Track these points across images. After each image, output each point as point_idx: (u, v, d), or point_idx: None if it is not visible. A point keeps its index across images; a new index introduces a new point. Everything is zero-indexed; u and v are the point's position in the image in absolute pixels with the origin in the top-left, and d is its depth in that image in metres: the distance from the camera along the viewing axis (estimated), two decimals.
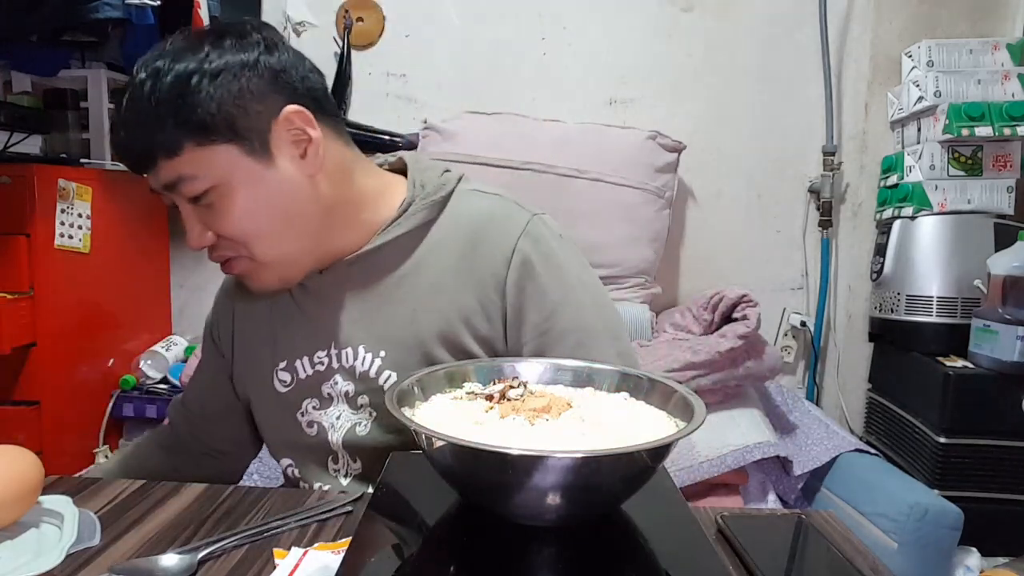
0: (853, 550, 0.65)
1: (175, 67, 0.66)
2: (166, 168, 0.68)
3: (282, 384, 0.83)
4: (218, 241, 0.72)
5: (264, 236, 0.72)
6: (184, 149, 0.67)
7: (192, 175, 0.68)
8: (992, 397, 1.51)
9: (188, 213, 0.71)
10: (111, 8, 1.48)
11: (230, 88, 0.67)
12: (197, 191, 0.69)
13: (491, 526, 0.52)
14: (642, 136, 1.82)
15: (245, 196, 0.70)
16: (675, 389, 0.59)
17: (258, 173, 0.70)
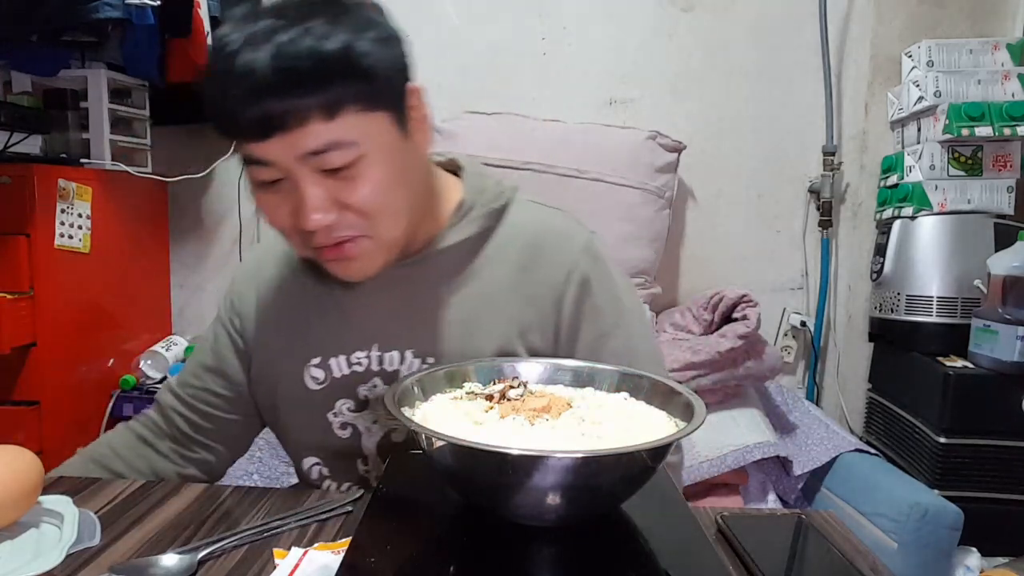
0: (853, 550, 0.65)
1: (337, 27, 0.61)
2: (318, 131, 0.61)
3: (314, 381, 0.79)
4: (340, 219, 0.66)
5: (395, 212, 0.68)
6: (344, 112, 0.62)
7: (348, 142, 0.63)
8: (992, 397, 1.51)
9: (314, 186, 0.64)
10: (111, 8, 1.48)
11: (392, 54, 0.65)
12: (347, 160, 0.63)
13: (491, 526, 0.53)
14: (642, 136, 1.82)
15: (388, 168, 0.66)
16: (675, 389, 0.59)
17: (400, 145, 0.67)
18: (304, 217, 0.65)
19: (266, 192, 0.67)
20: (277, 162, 0.64)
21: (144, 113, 1.89)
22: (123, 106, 1.81)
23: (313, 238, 0.67)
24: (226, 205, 2.08)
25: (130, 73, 1.79)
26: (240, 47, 0.60)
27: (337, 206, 0.65)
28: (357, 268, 0.71)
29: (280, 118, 0.61)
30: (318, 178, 0.64)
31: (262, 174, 0.66)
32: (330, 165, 0.63)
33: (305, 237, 0.68)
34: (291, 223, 0.67)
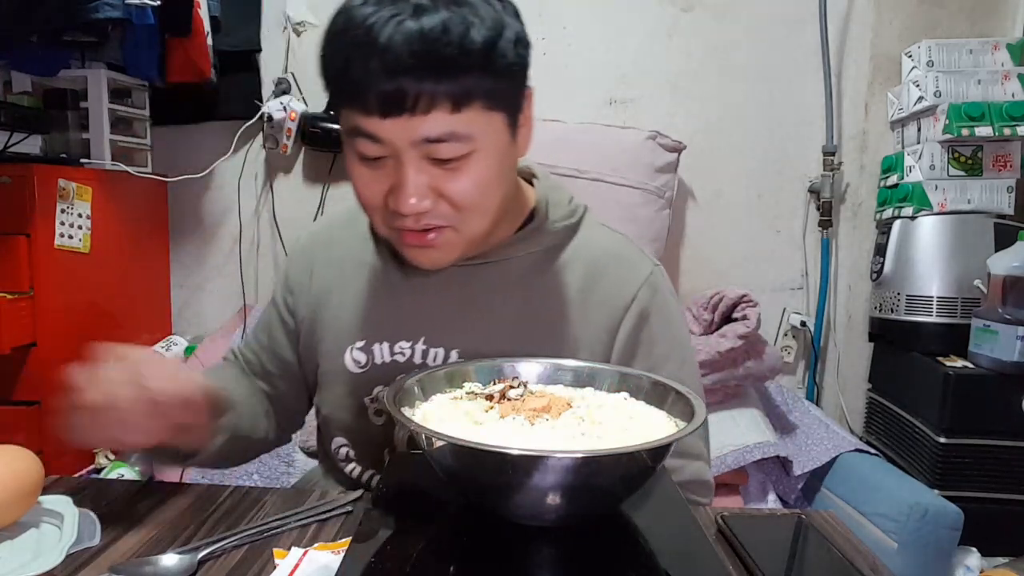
0: (853, 550, 0.65)
1: (483, 18, 0.61)
2: (441, 121, 0.61)
3: (355, 364, 0.79)
4: (433, 208, 0.66)
5: (486, 209, 0.68)
6: (470, 106, 0.62)
7: (465, 135, 0.63)
8: (992, 397, 1.51)
9: (419, 171, 0.64)
10: (111, 8, 1.48)
11: (524, 57, 0.65)
12: (458, 153, 0.63)
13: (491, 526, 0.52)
14: (642, 136, 1.82)
15: (492, 167, 0.66)
16: (675, 389, 0.59)
17: (507, 148, 0.68)
18: (401, 199, 0.64)
19: (364, 166, 0.67)
20: (390, 142, 0.63)
21: (144, 113, 1.89)
22: (123, 106, 1.81)
23: (401, 220, 0.67)
24: (226, 205, 2.08)
25: (130, 73, 1.79)
26: (385, 22, 0.59)
27: (434, 194, 0.65)
28: (434, 257, 0.71)
29: (409, 100, 0.60)
30: (424, 164, 0.64)
31: (368, 149, 0.65)
32: (441, 155, 0.63)
33: (391, 217, 0.68)
34: (382, 201, 0.67)
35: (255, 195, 2.08)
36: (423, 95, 0.60)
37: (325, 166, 2.02)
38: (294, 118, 1.93)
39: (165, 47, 1.77)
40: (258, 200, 2.08)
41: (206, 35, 1.81)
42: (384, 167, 0.66)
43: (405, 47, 0.58)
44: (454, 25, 0.59)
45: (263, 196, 2.07)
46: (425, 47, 0.58)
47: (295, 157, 2.04)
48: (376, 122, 0.62)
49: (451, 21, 0.59)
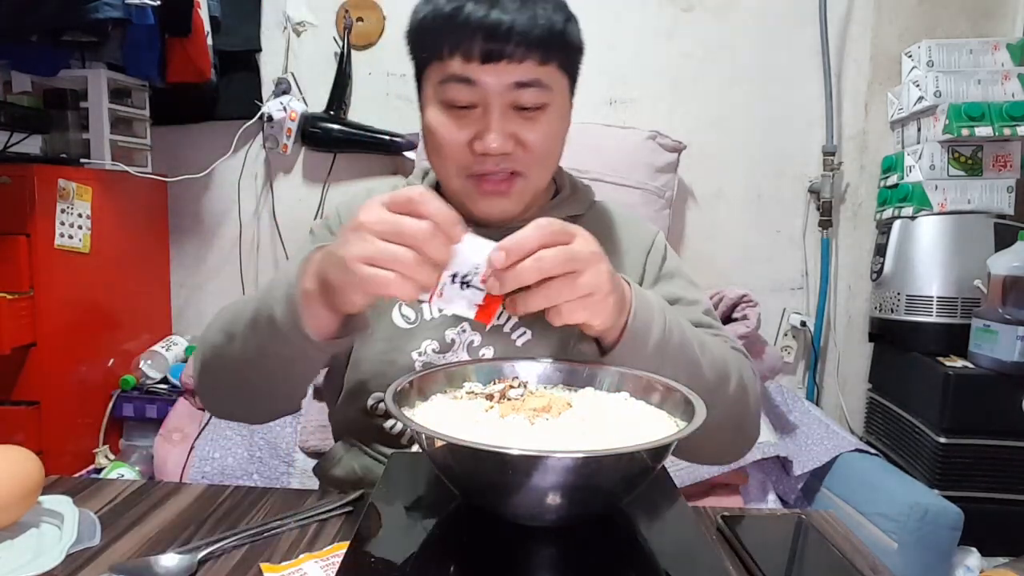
0: (853, 550, 0.65)
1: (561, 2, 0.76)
2: (531, 69, 0.73)
3: (404, 319, 0.81)
4: (512, 153, 0.75)
5: (550, 161, 0.80)
6: (552, 63, 0.74)
7: (547, 85, 0.74)
8: (992, 397, 1.51)
9: (501, 116, 0.74)
10: (111, 8, 1.48)
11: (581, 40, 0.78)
12: (540, 101, 0.75)
13: (491, 526, 0.52)
14: (642, 136, 1.82)
15: (559, 123, 0.78)
16: (675, 389, 0.59)
17: (567, 111, 0.80)
18: (488, 139, 0.73)
19: (450, 115, 0.76)
20: (484, 86, 0.73)
21: (144, 113, 1.89)
22: (123, 106, 1.81)
23: (482, 165, 0.76)
24: (226, 205, 2.08)
25: (130, 73, 1.79)
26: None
27: (513, 141, 0.75)
28: (504, 207, 0.79)
29: (510, 47, 0.72)
30: (508, 112, 0.74)
31: (461, 95, 0.74)
32: (525, 102, 0.74)
33: (471, 164, 0.76)
34: (462, 148, 0.75)
35: (255, 195, 2.08)
36: (521, 45, 0.72)
37: (325, 166, 2.02)
38: (294, 118, 1.93)
39: (165, 47, 1.77)
40: (258, 200, 2.08)
41: (206, 35, 1.81)
42: (469, 116, 0.75)
43: (510, 5, 0.71)
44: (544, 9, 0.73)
45: (263, 196, 2.07)
46: (524, 9, 0.72)
47: (295, 157, 2.05)
48: (475, 67, 0.72)
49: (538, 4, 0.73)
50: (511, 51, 0.72)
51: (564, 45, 0.75)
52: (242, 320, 0.68)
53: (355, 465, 0.81)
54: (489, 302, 0.58)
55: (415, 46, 0.79)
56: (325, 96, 1.95)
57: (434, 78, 0.76)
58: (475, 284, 0.57)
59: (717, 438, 0.76)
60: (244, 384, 0.73)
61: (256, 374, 0.70)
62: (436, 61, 0.75)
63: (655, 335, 0.65)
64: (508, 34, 0.71)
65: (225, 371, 0.73)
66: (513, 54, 0.72)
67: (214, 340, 0.73)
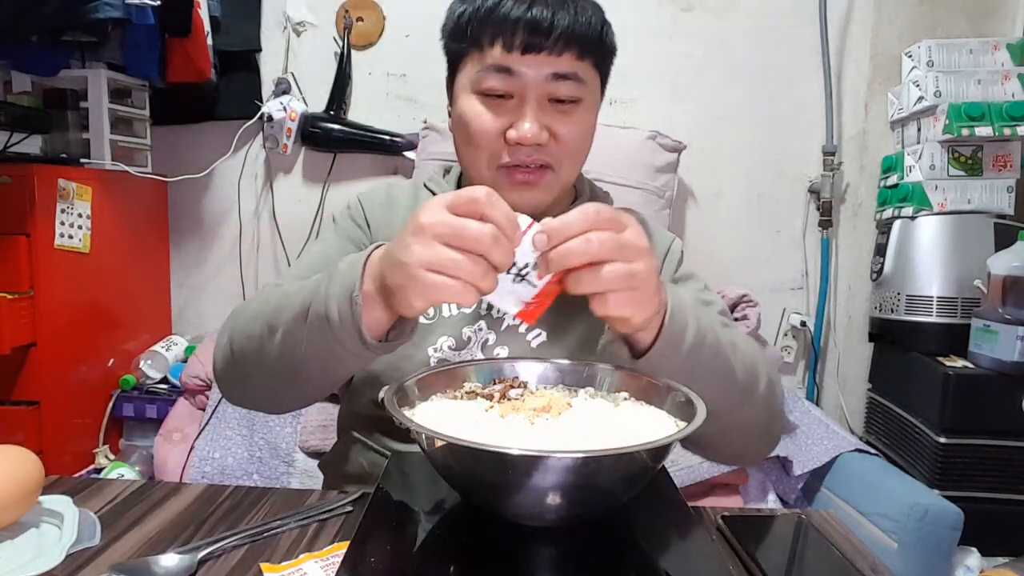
0: (853, 550, 0.65)
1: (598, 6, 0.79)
2: (569, 61, 0.75)
3: (424, 316, 0.80)
4: (545, 145, 0.77)
5: (579, 157, 0.81)
6: (588, 59, 0.77)
7: (583, 79, 0.77)
8: (992, 397, 1.51)
9: (537, 108, 0.76)
10: (111, 8, 1.48)
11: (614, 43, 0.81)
12: (573, 94, 0.76)
13: (491, 526, 0.52)
14: (642, 136, 1.82)
15: (590, 119, 0.80)
16: (675, 389, 0.59)
17: (597, 106, 0.82)
18: (524, 128, 0.75)
19: (486, 103, 0.77)
20: (522, 75, 0.75)
21: (144, 113, 1.89)
22: (123, 106, 1.81)
23: (515, 155, 0.76)
24: (226, 205, 2.08)
25: (130, 73, 1.79)
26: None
27: (547, 132, 0.76)
28: (534, 197, 0.79)
29: (552, 39, 0.74)
30: (544, 104, 0.76)
31: (498, 84, 0.76)
32: (561, 94, 0.76)
33: (505, 153, 0.77)
34: (496, 137, 0.77)
35: (255, 195, 2.08)
36: (561, 39, 0.74)
37: (325, 166, 2.02)
38: (294, 118, 1.93)
39: (165, 47, 1.77)
40: (258, 200, 2.08)
41: (206, 35, 1.81)
42: (504, 106, 0.76)
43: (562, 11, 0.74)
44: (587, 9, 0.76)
45: (263, 196, 2.07)
46: (565, 6, 0.74)
47: (295, 157, 2.04)
48: (516, 57, 0.74)
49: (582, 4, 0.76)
50: (551, 43, 0.74)
51: (601, 43, 0.78)
52: (288, 313, 0.66)
53: (363, 461, 0.81)
54: (539, 301, 0.55)
55: (453, 37, 0.80)
56: (325, 96, 1.95)
57: (471, 68, 0.77)
58: (530, 278, 0.55)
59: (746, 438, 0.76)
60: (280, 376, 0.70)
61: (297, 368, 0.67)
62: (475, 51, 0.77)
63: (690, 336, 0.63)
64: (550, 27, 0.74)
65: (262, 362, 0.69)
66: (553, 47, 0.74)
67: (251, 330, 0.70)
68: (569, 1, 0.75)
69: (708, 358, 0.65)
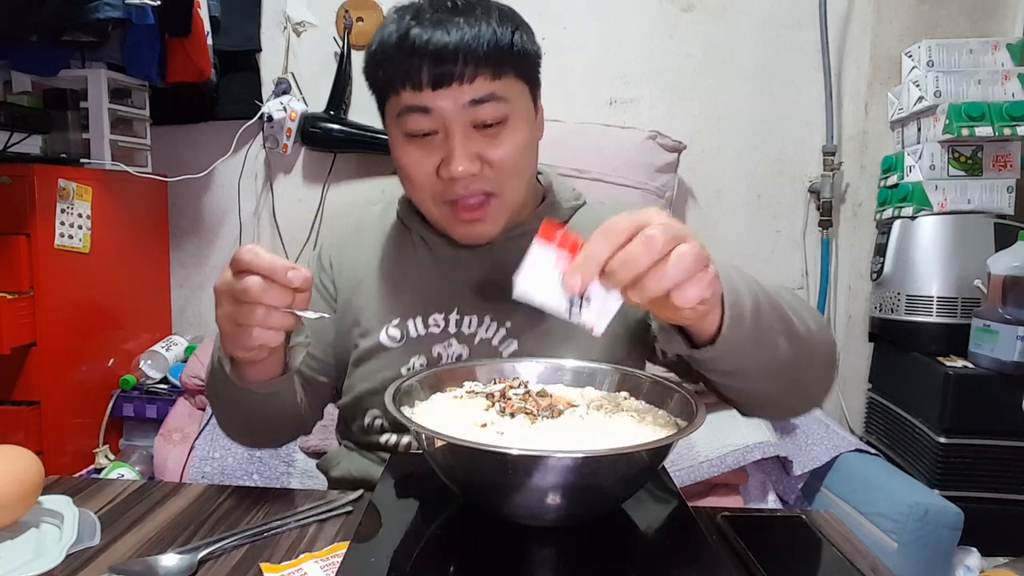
0: (853, 550, 0.64)
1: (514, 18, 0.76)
2: (483, 84, 0.73)
3: (391, 340, 0.83)
4: (481, 173, 0.75)
5: (521, 175, 0.79)
6: (505, 76, 0.74)
7: (503, 97, 0.74)
8: (992, 397, 1.51)
9: (464, 138, 0.74)
10: (111, 8, 1.48)
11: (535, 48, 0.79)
12: (496, 116, 0.74)
13: (491, 526, 0.52)
14: (642, 136, 1.82)
15: (524, 133, 0.77)
16: (675, 389, 0.59)
17: (531, 119, 0.79)
18: (453, 164, 0.73)
19: (414, 145, 0.76)
20: (440, 111, 0.73)
21: (144, 113, 1.89)
22: (123, 106, 1.81)
23: (453, 189, 0.76)
24: (226, 205, 2.08)
25: (130, 73, 1.78)
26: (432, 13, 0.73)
27: (480, 160, 0.75)
28: (482, 230, 0.79)
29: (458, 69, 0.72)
30: (470, 132, 0.74)
31: (419, 124, 0.75)
32: (484, 118, 0.74)
33: (442, 192, 0.76)
34: (431, 176, 0.76)
35: (255, 195, 2.08)
36: (470, 64, 0.72)
37: (325, 166, 2.02)
38: (294, 118, 1.93)
39: (165, 47, 1.76)
40: (258, 200, 2.08)
41: (206, 35, 1.81)
42: (432, 143, 0.75)
43: (452, 27, 0.72)
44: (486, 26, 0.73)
45: (263, 196, 2.07)
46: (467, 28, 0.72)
47: (295, 157, 2.04)
48: (428, 94, 0.73)
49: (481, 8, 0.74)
50: (460, 72, 0.72)
51: (515, 55, 0.74)
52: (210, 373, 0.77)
53: (351, 468, 0.84)
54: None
55: (370, 81, 0.79)
56: (325, 96, 1.95)
57: (392, 111, 0.76)
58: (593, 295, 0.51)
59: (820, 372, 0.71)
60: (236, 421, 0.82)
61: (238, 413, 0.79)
62: (392, 95, 0.75)
63: (747, 301, 0.58)
64: (454, 55, 0.71)
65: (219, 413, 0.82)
66: (463, 74, 0.72)
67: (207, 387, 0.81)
68: (470, 21, 0.72)
69: (768, 315, 0.61)
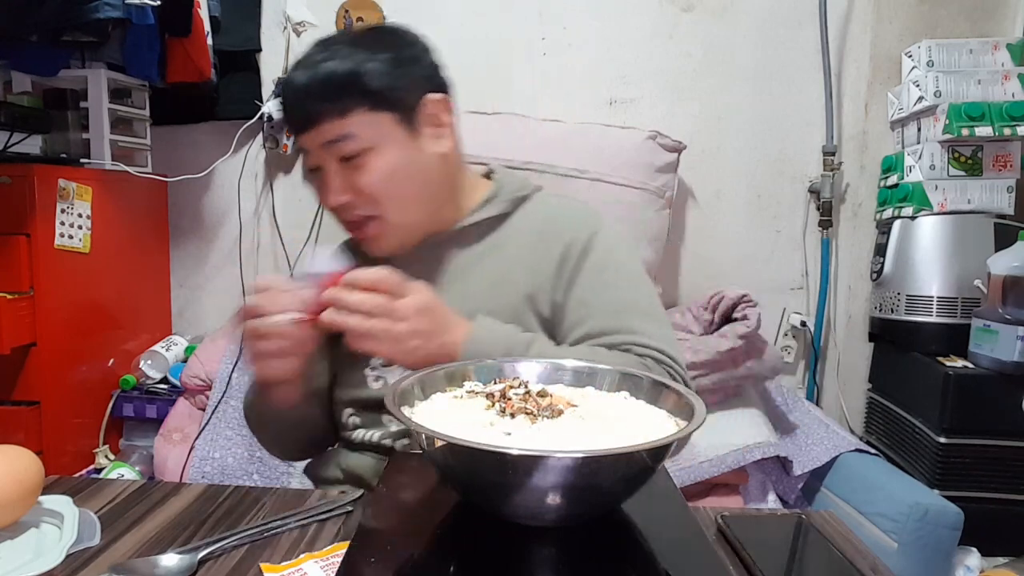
0: (853, 550, 0.65)
1: (356, 50, 0.80)
2: (332, 127, 0.79)
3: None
4: (355, 200, 0.82)
5: (400, 199, 0.83)
6: (353, 112, 0.79)
7: (354, 134, 0.79)
8: (992, 397, 1.51)
9: (334, 172, 0.81)
10: (111, 8, 1.48)
11: (398, 72, 0.82)
12: (353, 150, 0.80)
13: (491, 526, 0.52)
14: (642, 136, 1.82)
15: (392, 159, 0.81)
16: (675, 389, 0.59)
17: (405, 141, 0.83)
18: (325, 197, 0.83)
19: (313, 178, 0.85)
20: (311, 150, 0.82)
21: (144, 113, 1.89)
22: (123, 106, 1.81)
23: (340, 216, 0.85)
24: (226, 205, 2.08)
25: (130, 73, 1.78)
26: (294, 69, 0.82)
27: (352, 190, 0.82)
28: (377, 246, 0.86)
29: (309, 117, 0.80)
30: (338, 166, 0.81)
31: (306, 161, 0.85)
32: (343, 153, 0.80)
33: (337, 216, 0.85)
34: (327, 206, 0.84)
35: (255, 195, 2.08)
36: (314, 109, 0.80)
37: None
38: None
39: (165, 47, 1.76)
40: (258, 200, 2.08)
41: (206, 35, 1.81)
42: (320, 176, 0.83)
43: (302, 81, 0.80)
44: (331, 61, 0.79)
45: (263, 196, 2.07)
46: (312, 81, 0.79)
47: (295, 157, 2.04)
48: (301, 138, 0.82)
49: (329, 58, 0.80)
50: (309, 115, 0.80)
51: (360, 91, 0.79)
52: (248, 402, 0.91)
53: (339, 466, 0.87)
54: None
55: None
56: None
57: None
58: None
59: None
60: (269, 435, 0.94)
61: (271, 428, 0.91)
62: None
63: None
64: (303, 100, 0.80)
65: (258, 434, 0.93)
66: (311, 118, 0.80)
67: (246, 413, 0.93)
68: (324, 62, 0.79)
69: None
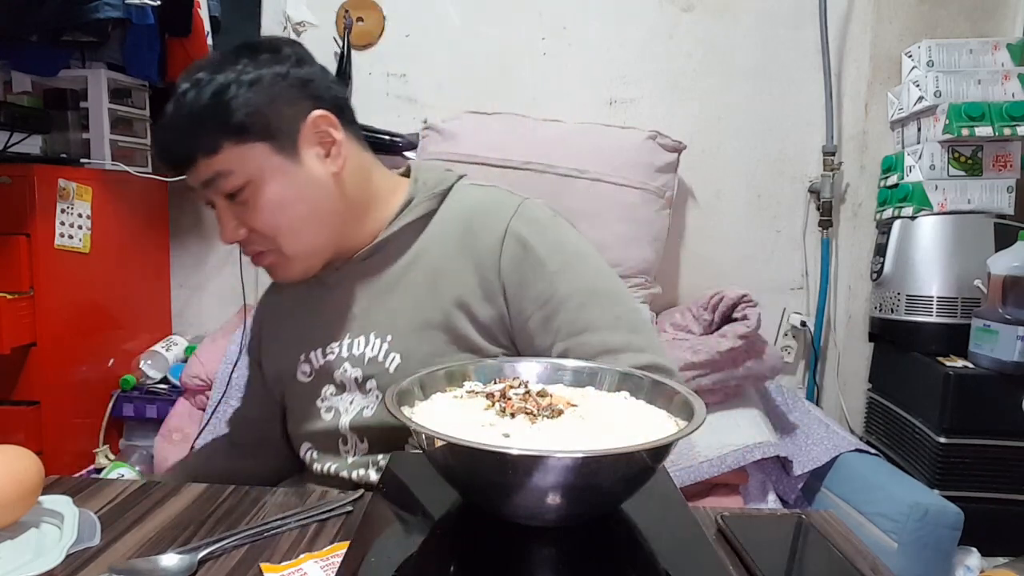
0: (853, 550, 0.65)
1: (215, 77, 0.74)
2: (205, 166, 0.75)
3: (304, 375, 0.88)
4: (250, 236, 0.79)
5: (292, 230, 0.79)
6: (222, 148, 0.75)
7: (228, 171, 0.75)
8: (992, 397, 1.51)
9: (224, 209, 0.78)
10: (111, 8, 1.48)
11: (264, 94, 0.76)
12: (234, 187, 0.76)
13: (491, 526, 0.52)
14: (642, 136, 1.82)
15: (275, 190, 0.77)
16: (675, 389, 0.59)
17: (287, 169, 0.78)
18: (220, 235, 0.80)
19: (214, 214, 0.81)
20: (197, 190, 0.79)
21: (144, 113, 1.89)
22: (123, 106, 1.81)
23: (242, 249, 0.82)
24: None
25: (130, 73, 1.78)
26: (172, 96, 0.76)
27: (245, 227, 0.79)
28: (280, 276, 0.84)
29: (178, 156, 0.77)
30: (225, 203, 0.78)
31: (199, 199, 0.81)
32: (224, 190, 0.77)
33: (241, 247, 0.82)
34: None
35: None
36: (181, 153, 0.77)
37: None
38: None
39: (165, 47, 1.76)
40: None
41: (206, 35, 1.81)
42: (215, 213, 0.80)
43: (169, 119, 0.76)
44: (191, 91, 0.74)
45: None
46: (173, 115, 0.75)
47: None
48: (185, 178, 0.78)
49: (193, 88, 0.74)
50: (179, 158, 0.77)
51: (222, 124, 0.74)
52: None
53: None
54: None
55: None
56: None
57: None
58: None
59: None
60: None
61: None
62: None
63: None
64: (170, 143, 0.77)
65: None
66: (182, 160, 0.76)
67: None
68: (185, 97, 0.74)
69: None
